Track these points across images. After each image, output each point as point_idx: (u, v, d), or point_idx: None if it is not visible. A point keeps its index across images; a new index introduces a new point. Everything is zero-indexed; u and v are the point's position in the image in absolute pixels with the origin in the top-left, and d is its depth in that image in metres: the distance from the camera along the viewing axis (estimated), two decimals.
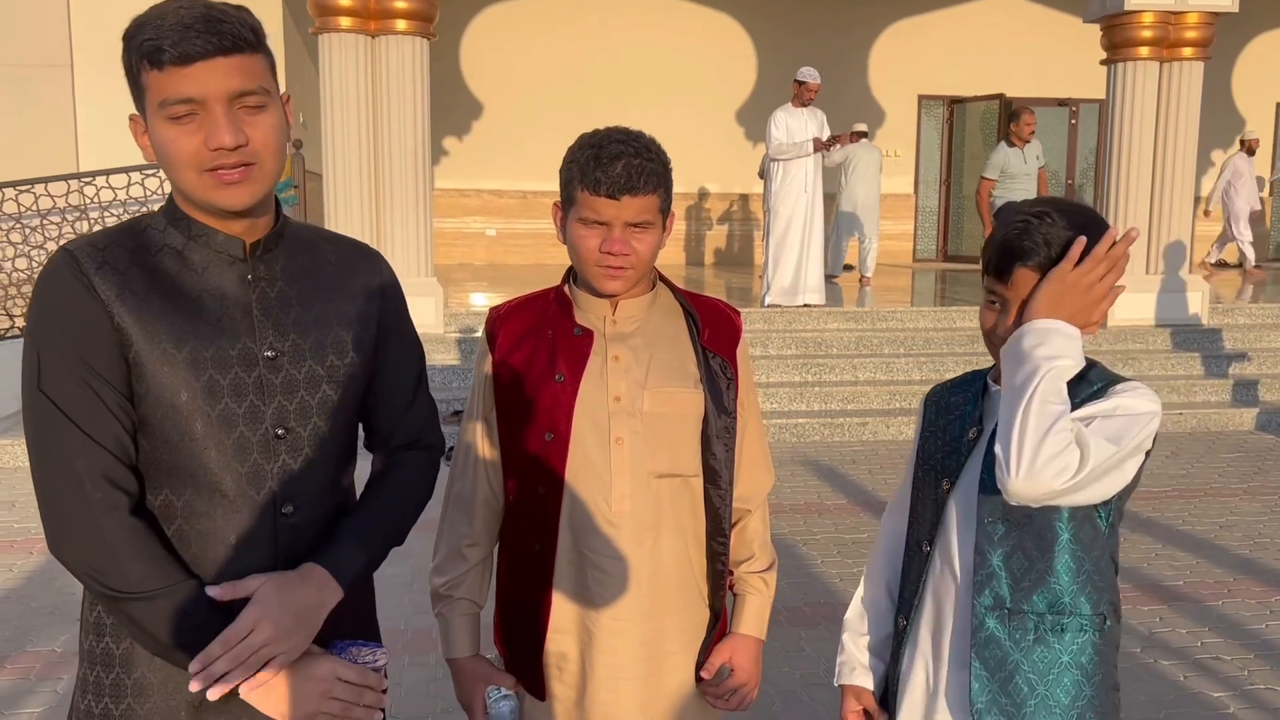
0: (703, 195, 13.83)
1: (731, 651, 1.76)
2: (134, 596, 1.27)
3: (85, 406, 1.29)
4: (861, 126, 8.50)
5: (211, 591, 1.31)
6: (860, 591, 1.80)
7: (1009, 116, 9.35)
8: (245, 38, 1.30)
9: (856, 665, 1.76)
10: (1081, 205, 1.53)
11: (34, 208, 8.03)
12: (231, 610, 1.33)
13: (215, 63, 1.27)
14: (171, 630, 1.28)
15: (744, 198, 13.88)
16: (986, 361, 7.12)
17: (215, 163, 1.30)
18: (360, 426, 1.57)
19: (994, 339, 1.54)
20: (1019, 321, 1.48)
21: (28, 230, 7.89)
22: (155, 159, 1.34)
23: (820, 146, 8.36)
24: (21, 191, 7.87)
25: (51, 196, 8.15)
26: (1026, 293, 1.48)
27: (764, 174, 11.13)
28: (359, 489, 1.56)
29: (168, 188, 7.93)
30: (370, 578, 1.57)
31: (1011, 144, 8.45)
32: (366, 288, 1.51)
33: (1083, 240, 1.45)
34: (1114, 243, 1.46)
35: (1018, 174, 8.30)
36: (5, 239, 7.94)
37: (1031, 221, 1.48)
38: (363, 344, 1.48)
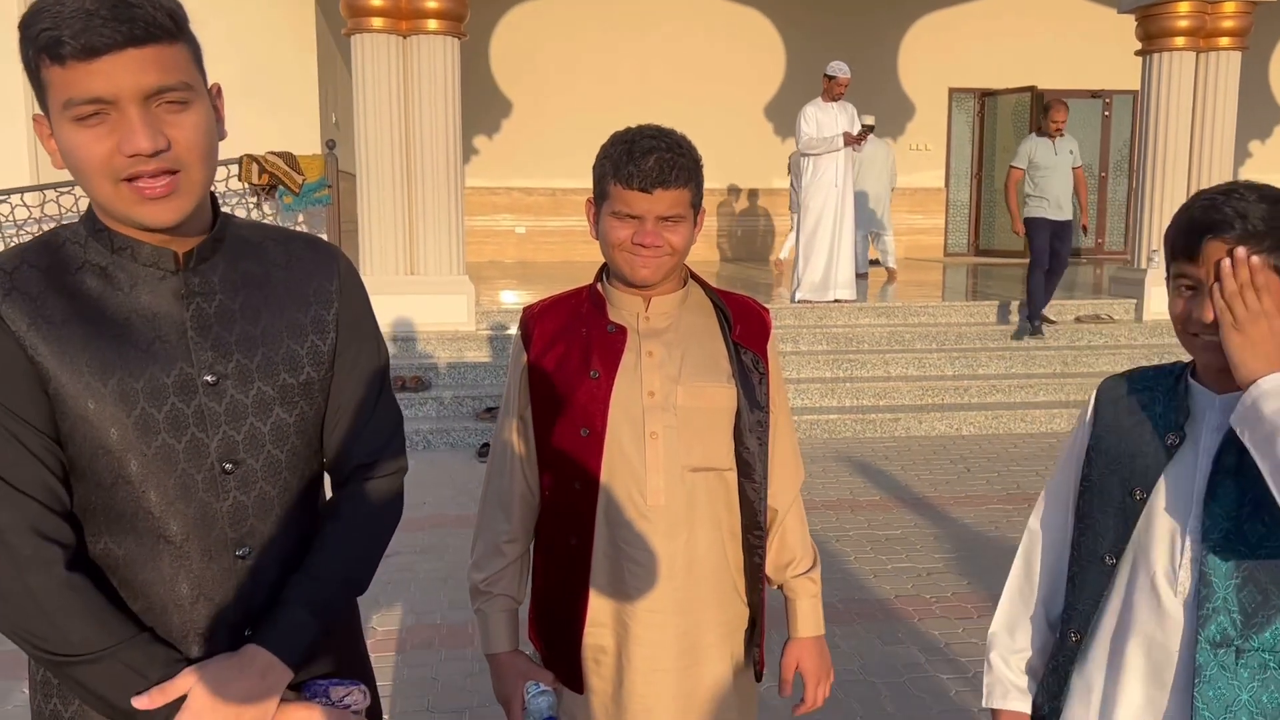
0: (731, 191, 13.81)
1: (797, 658, 1.82)
2: (78, 659, 1.13)
3: (4, 454, 1.13)
4: (869, 120, 8.41)
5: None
6: (1006, 603, 1.66)
7: (1042, 109, 9.20)
8: (161, 24, 1.12)
9: (1011, 688, 1.62)
10: (1272, 187, 1.40)
11: None
12: (209, 655, 1.23)
13: (126, 55, 1.09)
14: (125, 693, 1.15)
15: (773, 193, 13.84)
16: (1020, 356, 7.07)
17: (132, 170, 1.13)
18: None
19: (1190, 326, 1.38)
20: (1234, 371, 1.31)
21: None
22: (63, 165, 1.17)
23: (850, 141, 8.33)
24: None
25: None
26: None
27: (792, 169, 11.14)
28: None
29: (81, 205, 7.87)
30: (355, 607, 1.47)
31: (1042, 134, 8.24)
32: (321, 290, 1.33)
33: (1243, 256, 1.31)
34: None
35: (1046, 165, 8.09)
36: None
37: (1218, 198, 1.35)
38: (320, 356, 1.32)
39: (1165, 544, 1.42)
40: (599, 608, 1.70)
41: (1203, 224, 1.35)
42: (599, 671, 1.72)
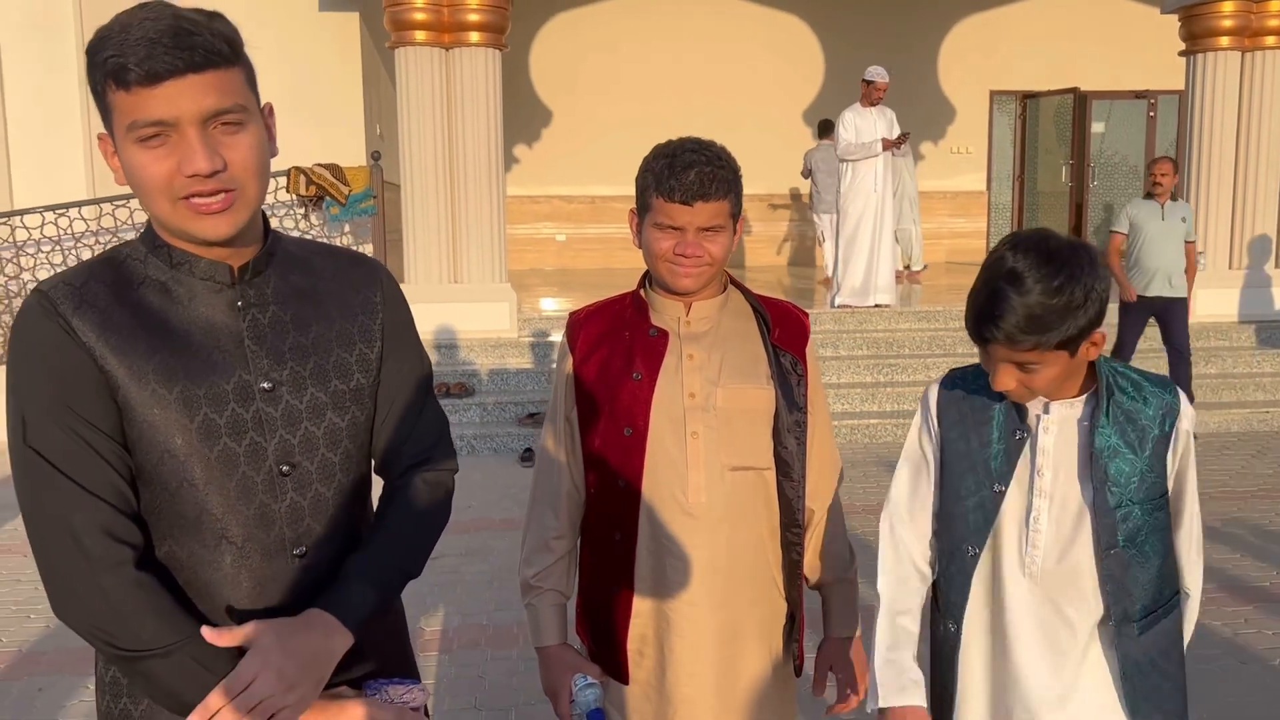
0: (770, 196, 13.82)
1: (831, 658, 1.88)
2: (148, 654, 1.18)
3: (77, 458, 1.19)
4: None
5: (205, 632, 1.19)
6: (889, 607, 1.76)
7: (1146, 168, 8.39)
8: (219, 51, 1.19)
9: (907, 683, 1.69)
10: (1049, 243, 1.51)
11: (10, 240, 7.94)
12: None
13: (186, 81, 1.16)
14: (193, 686, 1.19)
15: (813, 199, 13.84)
16: None
17: (190, 190, 1.19)
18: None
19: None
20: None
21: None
22: (125, 182, 1.23)
23: (889, 145, 8.33)
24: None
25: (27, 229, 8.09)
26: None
27: (807, 172, 11.12)
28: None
29: (136, 218, 8.07)
30: (401, 609, 1.52)
31: (1148, 196, 6.91)
32: (367, 301, 1.40)
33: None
34: None
35: (1150, 232, 6.79)
36: None
37: (991, 306, 1.50)
38: (368, 363, 1.38)
39: (1018, 529, 1.64)
40: (642, 602, 1.76)
41: (978, 333, 1.52)
42: (642, 664, 1.78)
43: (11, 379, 1.21)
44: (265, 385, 1.29)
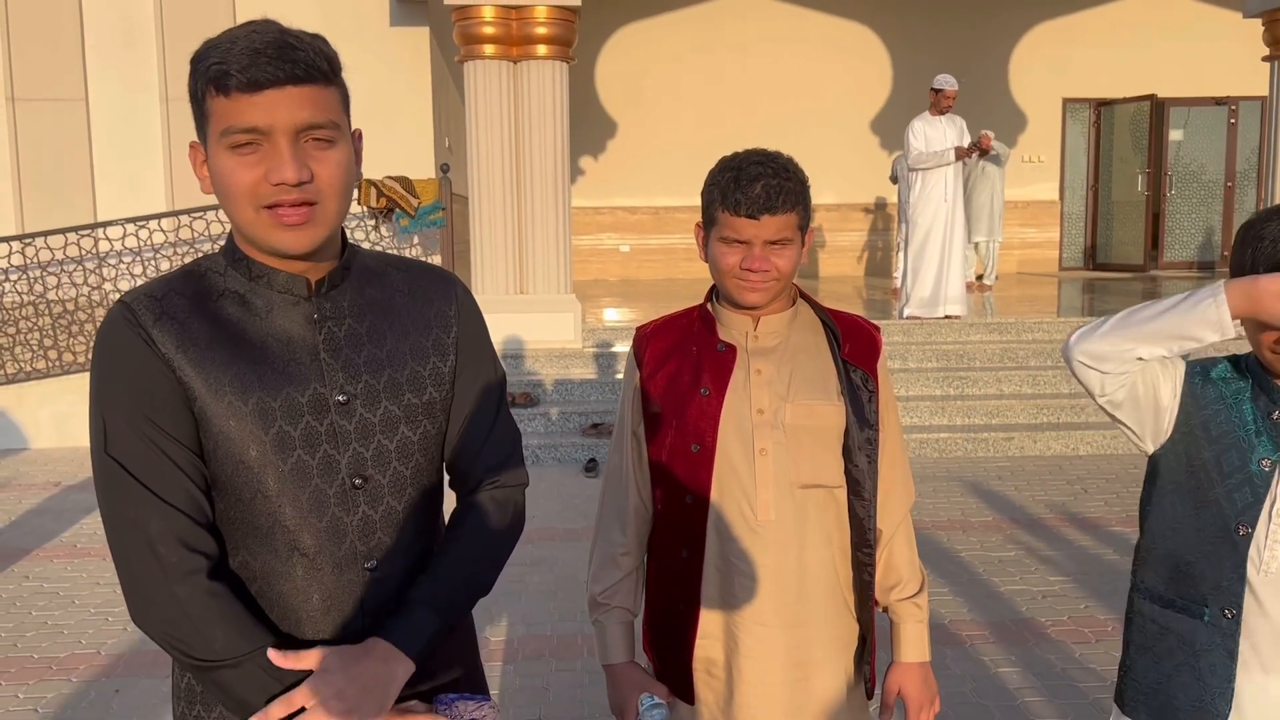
0: (841, 207, 13.70)
1: (900, 682, 1.81)
2: (221, 664, 1.20)
3: (154, 467, 1.21)
4: (990, 135, 8.29)
5: (272, 655, 1.21)
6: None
7: None
8: (319, 67, 1.22)
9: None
10: None
11: (94, 251, 8.24)
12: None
13: (285, 92, 1.19)
14: (263, 698, 1.21)
15: (880, 207, 13.68)
16: None
17: (274, 199, 1.21)
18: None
19: None
20: None
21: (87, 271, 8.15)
22: (211, 190, 1.26)
23: (962, 154, 8.20)
24: (83, 235, 8.20)
25: (109, 240, 8.37)
26: None
27: (895, 178, 11.00)
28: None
29: (212, 229, 8.30)
30: (471, 625, 1.52)
31: None
32: (441, 315, 1.40)
33: None
34: None
35: None
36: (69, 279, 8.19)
37: None
38: (441, 377, 1.38)
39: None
40: (710, 620, 1.74)
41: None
42: (709, 684, 1.76)
43: (94, 388, 1.24)
44: (340, 398, 1.29)
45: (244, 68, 1.17)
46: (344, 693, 1.20)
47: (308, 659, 1.22)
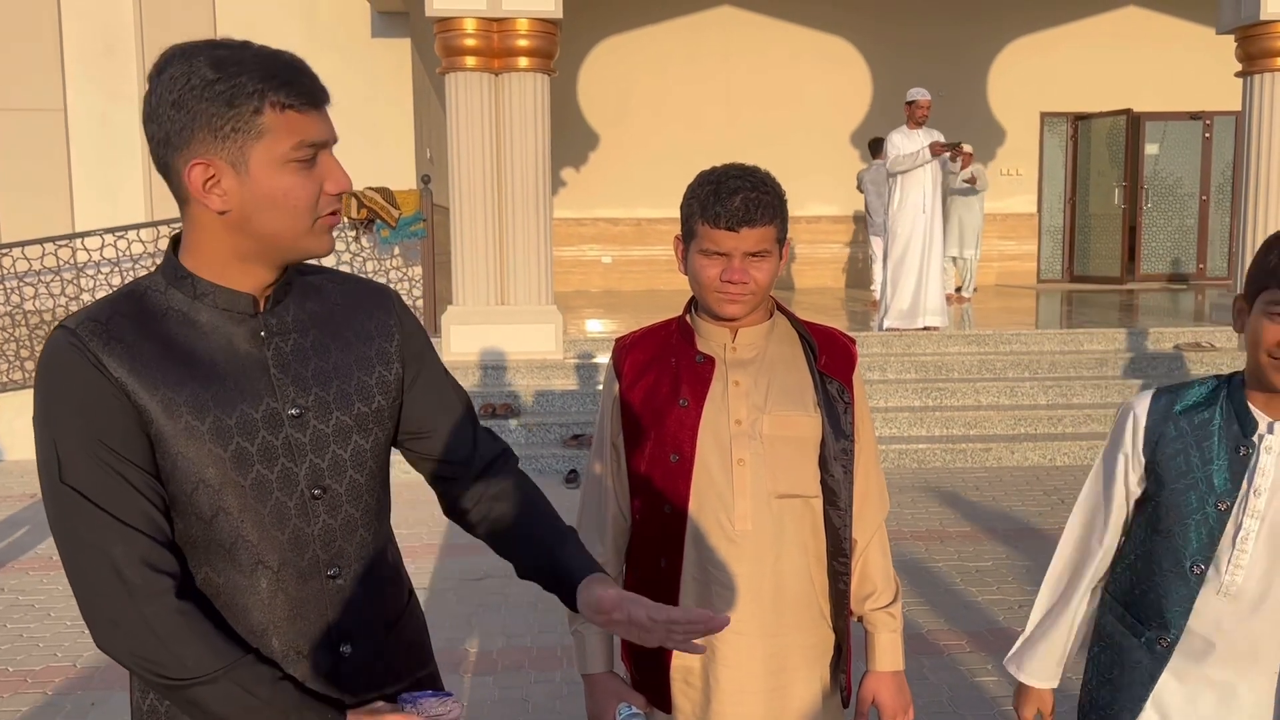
0: (820, 219, 13.78)
1: (874, 691, 1.83)
2: (194, 682, 1.20)
3: (112, 491, 1.20)
4: (968, 148, 8.38)
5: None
6: (1062, 598, 1.81)
7: None
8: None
9: (1052, 665, 1.81)
10: None
11: (71, 261, 8.16)
12: (309, 673, 1.32)
13: (325, 110, 1.27)
14: (242, 709, 1.22)
15: (861, 219, 13.78)
16: (1115, 385, 6.92)
17: (331, 208, 1.27)
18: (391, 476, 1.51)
19: (1277, 352, 1.53)
20: None
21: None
22: (228, 208, 1.24)
23: (937, 151, 8.24)
24: (61, 245, 8.18)
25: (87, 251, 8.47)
26: None
27: (861, 187, 11.08)
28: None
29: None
30: (424, 623, 1.54)
31: None
32: (382, 325, 1.43)
33: None
34: None
35: None
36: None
37: None
38: (388, 385, 1.40)
39: (1244, 548, 1.59)
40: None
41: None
42: (687, 693, 1.77)
43: (42, 416, 1.22)
44: (293, 412, 1.31)
45: (310, 84, 1.24)
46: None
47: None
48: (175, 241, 1.32)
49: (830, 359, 1.77)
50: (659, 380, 1.77)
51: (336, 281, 1.44)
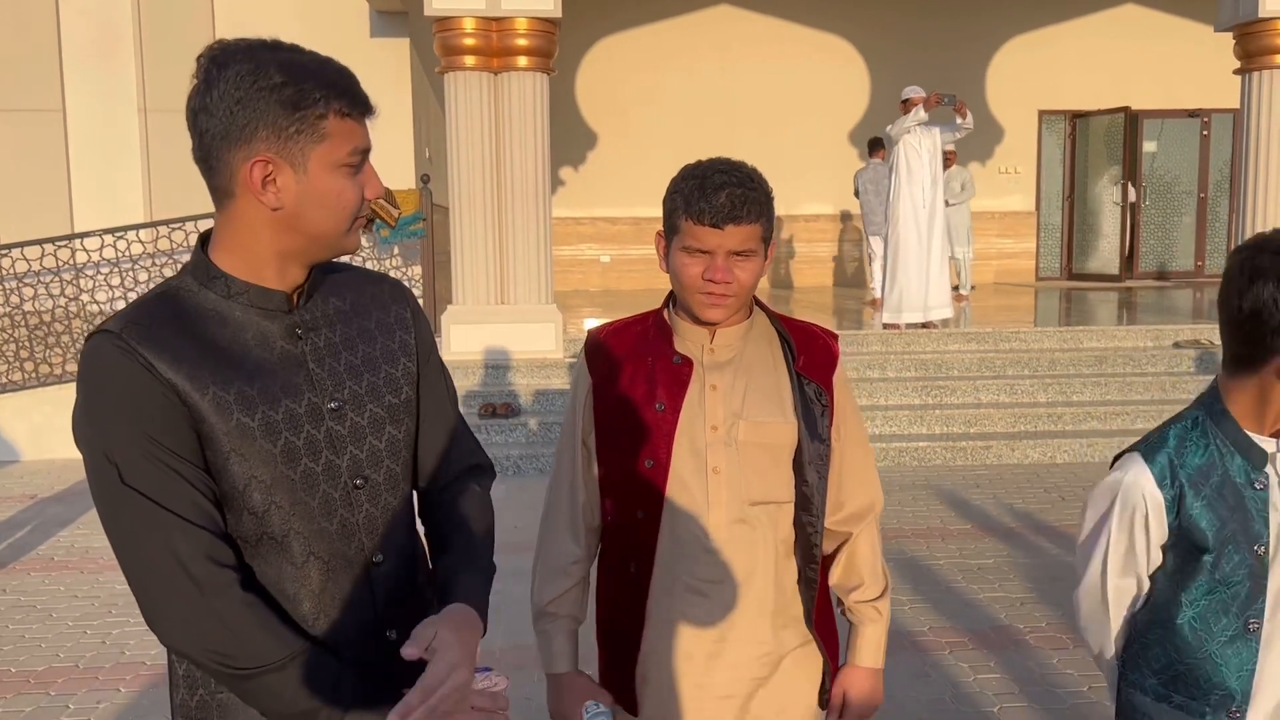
0: (818, 217, 13.78)
1: (847, 684, 1.79)
2: (265, 669, 1.24)
3: (172, 490, 1.23)
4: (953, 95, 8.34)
5: (405, 652, 1.26)
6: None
7: None
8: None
9: None
10: None
11: (71, 262, 8.17)
12: (357, 659, 1.33)
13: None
14: (310, 693, 1.25)
15: (855, 220, 13.79)
16: (1115, 382, 6.92)
17: (366, 210, 1.36)
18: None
19: None
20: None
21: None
22: (280, 203, 1.28)
23: (931, 103, 8.20)
24: (60, 246, 8.17)
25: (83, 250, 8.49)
26: None
27: (857, 192, 11.08)
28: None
29: (191, 240, 8.30)
30: None
31: None
32: (400, 318, 1.47)
33: None
34: None
35: None
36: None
37: None
38: (411, 376, 1.45)
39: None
40: (656, 634, 1.71)
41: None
42: (647, 694, 1.74)
43: (92, 421, 1.23)
44: (332, 405, 1.35)
45: (365, 99, 1.32)
46: (468, 664, 1.28)
47: (424, 636, 1.28)
48: (204, 239, 1.34)
49: (809, 359, 1.73)
50: (634, 379, 1.72)
51: (351, 275, 1.47)
